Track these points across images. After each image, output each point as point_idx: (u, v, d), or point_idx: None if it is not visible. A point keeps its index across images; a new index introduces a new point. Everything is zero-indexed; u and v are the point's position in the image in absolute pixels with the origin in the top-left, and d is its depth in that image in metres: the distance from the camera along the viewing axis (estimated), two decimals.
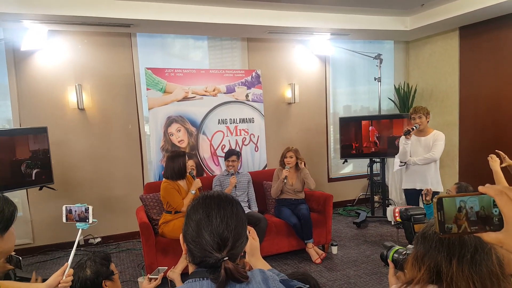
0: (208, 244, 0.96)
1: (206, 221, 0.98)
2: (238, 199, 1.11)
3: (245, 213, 1.09)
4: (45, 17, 3.91)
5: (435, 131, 3.97)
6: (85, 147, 4.67)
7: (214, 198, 1.04)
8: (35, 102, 4.44)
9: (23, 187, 3.92)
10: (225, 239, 0.97)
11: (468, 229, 0.65)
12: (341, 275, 3.63)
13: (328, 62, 5.86)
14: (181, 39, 5.12)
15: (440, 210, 0.66)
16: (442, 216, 0.66)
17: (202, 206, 1.01)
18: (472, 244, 1.02)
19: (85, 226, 1.83)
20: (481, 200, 0.65)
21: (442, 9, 4.92)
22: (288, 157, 4.15)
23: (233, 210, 1.02)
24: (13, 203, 1.40)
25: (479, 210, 0.64)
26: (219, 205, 1.01)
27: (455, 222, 0.65)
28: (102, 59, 4.70)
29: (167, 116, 4.57)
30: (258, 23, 4.66)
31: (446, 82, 5.69)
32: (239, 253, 1.01)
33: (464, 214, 0.65)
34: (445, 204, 0.66)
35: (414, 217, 1.51)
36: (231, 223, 0.99)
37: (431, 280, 1.04)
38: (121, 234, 4.87)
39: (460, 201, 0.65)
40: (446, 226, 0.66)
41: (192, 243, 0.98)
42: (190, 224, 1.00)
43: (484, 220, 0.64)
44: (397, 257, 1.35)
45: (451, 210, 0.66)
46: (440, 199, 0.67)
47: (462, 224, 0.65)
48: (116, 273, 1.94)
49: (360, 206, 6.04)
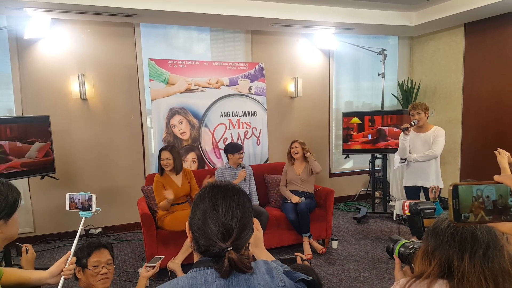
0: (213, 233, 0.95)
1: (212, 211, 0.98)
2: None
3: (252, 205, 1.08)
4: (48, 5, 3.88)
5: (435, 127, 3.94)
6: (87, 137, 4.67)
7: (221, 188, 1.03)
8: (38, 91, 4.43)
9: (25, 175, 3.92)
10: (230, 229, 0.96)
11: (485, 218, 0.63)
12: (341, 270, 3.64)
13: (332, 57, 5.83)
14: (184, 31, 5.09)
15: (455, 198, 0.64)
16: (457, 204, 0.64)
17: (209, 196, 1.01)
18: (485, 241, 1.01)
19: (88, 215, 1.83)
20: (498, 189, 0.63)
21: (448, 5, 4.88)
22: (293, 147, 4.21)
23: (239, 201, 1.01)
24: (17, 189, 1.39)
25: (496, 199, 0.63)
26: (226, 195, 1.01)
27: (471, 211, 0.64)
28: (105, 49, 4.67)
29: (170, 108, 4.56)
30: (262, 16, 4.63)
31: (450, 78, 5.67)
32: (243, 244, 1.00)
33: (481, 202, 0.64)
34: (461, 192, 0.64)
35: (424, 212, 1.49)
36: (236, 214, 0.98)
37: (441, 275, 1.04)
38: (122, 225, 4.88)
39: (477, 189, 0.64)
40: (462, 214, 0.64)
41: (197, 231, 0.98)
42: (197, 213, 1.00)
43: (500, 210, 0.63)
44: (404, 251, 1.33)
45: (467, 198, 0.64)
46: (455, 186, 0.65)
47: (479, 213, 0.64)
48: (91, 269, 1.90)
49: (361, 202, 6.05)
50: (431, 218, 1.43)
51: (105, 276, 1.93)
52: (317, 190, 4.31)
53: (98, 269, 1.91)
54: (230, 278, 0.95)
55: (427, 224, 1.44)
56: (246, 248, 1.07)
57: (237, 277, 0.96)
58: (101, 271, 1.91)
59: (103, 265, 1.94)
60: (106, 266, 1.95)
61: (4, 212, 1.32)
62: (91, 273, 1.90)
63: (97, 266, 1.91)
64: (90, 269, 1.90)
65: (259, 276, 0.98)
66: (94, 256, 1.92)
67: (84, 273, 1.90)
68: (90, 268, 1.90)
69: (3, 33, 4.25)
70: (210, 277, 0.95)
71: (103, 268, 1.93)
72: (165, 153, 3.68)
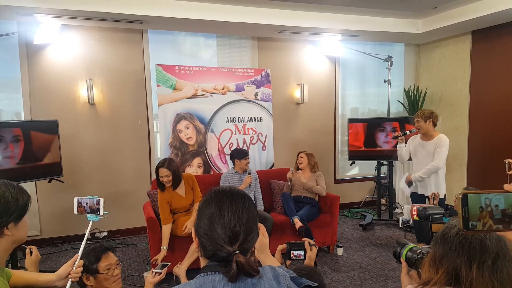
0: (220, 237, 0.96)
1: (218, 215, 0.99)
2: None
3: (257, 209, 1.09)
4: (58, 11, 3.95)
5: (440, 135, 3.82)
6: (94, 141, 4.71)
7: (226, 192, 1.05)
8: (46, 96, 4.49)
9: (32, 179, 3.96)
10: (237, 232, 0.97)
11: (493, 227, 0.64)
12: (346, 277, 3.62)
13: (338, 63, 5.85)
14: (191, 37, 5.14)
15: (464, 206, 0.65)
16: (467, 213, 0.65)
17: (215, 201, 1.02)
18: (494, 250, 1.00)
19: (96, 218, 1.84)
20: (507, 198, 0.64)
21: (455, 12, 4.88)
22: (299, 158, 4.40)
23: (244, 204, 1.03)
24: (27, 193, 1.42)
25: (504, 208, 0.64)
26: (231, 200, 1.02)
27: (479, 220, 0.65)
28: (113, 55, 4.73)
29: (176, 113, 4.59)
30: (269, 22, 4.66)
31: (456, 86, 5.65)
32: (250, 248, 1.01)
33: (489, 211, 0.64)
34: (470, 201, 0.65)
35: (433, 217, 1.49)
36: (242, 217, 0.99)
37: (448, 283, 1.03)
38: (128, 229, 4.90)
39: (485, 198, 0.64)
40: (470, 223, 0.65)
41: (204, 236, 0.99)
42: (203, 218, 1.01)
43: (509, 218, 0.63)
44: (411, 256, 1.32)
45: (475, 206, 0.65)
46: (465, 195, 0.66)
47: (487, 222, 0.64)
48: (103, 273, 1.91)
49: (366, 209, 6.02)
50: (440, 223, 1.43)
51: (118, 277, 1.95)
52: (322, 197, 4.30)
53: (112, 271, 1.93)
54: (238, 283, 0.95)
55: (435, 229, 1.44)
56: (252, 253, 1.08)
57: (244, 282, 0.96)
58: (114, 273, 1.94)
59: (114, 266, 1.96)
60: (116, 267, 1.98)
61: (15, 215, 1.34)
62: (105, 277, 1.91)
63: (109, 268, 1.93)
64: (103, 273, 1.91)
65: (266, 282, 0.99)
66: (104, 260, 1.93)
67: (96, 279, 1.90)
68: (103, 272, 1.90)
69: (14, 39, 4.32)
70: (218, 282, 0.95)
71: (115, 269, 1.95)
72: (162, 170, 3.51)
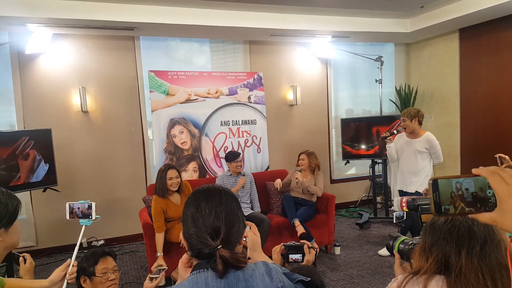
0: (202, 235, 0.99)
1: (197, 214, 1.01)
2: (240, 199, 1.14)
3: (239, 202, 1.11)
4: (50, 20, 3.96)
5: (426, 133, 3.87)
6: (88, 149, 4.70)
7: (203, 191, 1.08)
8: (39, 105, 4.48)
9: (27, 188, 3.94)
10: (217, 228, 0.99)
11: (465, 209, 0.66)
12: (344, 275, 3.64)
13: (329, 64, 5.90)
14: (184, 43, 5.16)
15: (435, 191, 0.67)
16: (438, 197, 0.67)
17: (193, 201, 1.05)
18: (482, 236, 1.01)
19: (88, 223, 1.84)
20: (476, 182, 0.66)
21: (442, 11, 4.95)
22: (300, 159, 4.34)
23: (221, 200, 1.04)
24: (17, 198, 1.40)
25: (474, 191, 0.66)
26: (207, 197, 1.05)
27: (451, 204, 0.66)
28: (105, 62, 4.74)
29: (170, 118, 4.60)
30: (260, 26, 4.71)
31: (446, 83, 5.72)
32: (236, 241, 1.03)
33: (460, 195, 0.66)
34: (441, 185, 0.67)
35: (422, 207, 1.51)
36: (220, 212, 1.01)
37: (438, 271, 1.04)
38: (124, 236, 4.88)
39: (456, 182, 0.67)
40: (443, 207, 0.67)
41: (189, 237, 1.02)
42: (186, 221, 1.04)
43: (479, 201, 0.65)
44: (403, 248, 1.34)
45: (446, 191, 0.67)
46: (435, 180, 0.68)
47: (459, 205, 0.66)
48: (99, 276, 1.91)
49: (363, 208, 6.05)
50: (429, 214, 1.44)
51: (113, 282, 1.96)
52: (318, 197, 4.32)
53: (107, 275, 1.94)
54: (230, 278, 0.96)
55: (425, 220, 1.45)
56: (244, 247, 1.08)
57: (236, 277, 0.97)
58: (109, 277, 1.94)
59: (111, 271, 1.96)
60: (113, 272, 1.98)
61: (5, 221, 1.33)
62: (100, 280, 1.92)
63: (106, 272, 1.94)
64: (99, 276, 1.92)
65: (259, 277, 1.00)
66: (101, 264, 1.94)
67: (92, 281, 1.92)
68: (99, 275, 1.92)
69: (5, 49, 4.32)
70: (210, 279, 0.96)
71: (111, 274, 1.95)
72: (173, 171, 3.38)
